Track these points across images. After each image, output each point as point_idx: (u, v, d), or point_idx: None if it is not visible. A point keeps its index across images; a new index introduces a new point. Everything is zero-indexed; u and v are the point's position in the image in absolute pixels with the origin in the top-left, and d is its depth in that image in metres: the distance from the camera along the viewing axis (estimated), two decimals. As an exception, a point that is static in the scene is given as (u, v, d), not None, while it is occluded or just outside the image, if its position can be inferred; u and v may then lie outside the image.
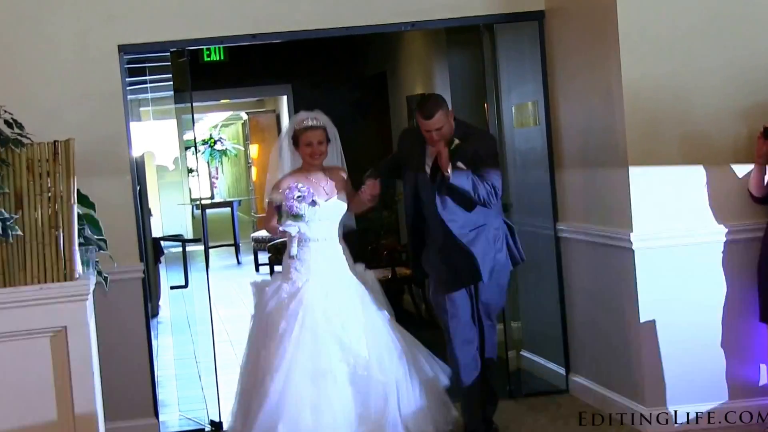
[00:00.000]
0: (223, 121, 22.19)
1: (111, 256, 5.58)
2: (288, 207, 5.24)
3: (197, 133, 19.97)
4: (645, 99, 5.45)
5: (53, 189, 4.75)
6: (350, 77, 11.61)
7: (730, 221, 5.50)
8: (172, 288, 9.65)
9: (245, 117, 19.45)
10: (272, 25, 6.20)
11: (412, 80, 9.74)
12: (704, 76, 5.48)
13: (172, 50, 6.27)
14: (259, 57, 11.25)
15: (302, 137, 5.37)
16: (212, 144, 20.31)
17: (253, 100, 17.83)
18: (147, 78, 7.66)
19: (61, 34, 5.95)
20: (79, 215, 5.05)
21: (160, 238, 10.78)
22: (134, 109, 8.40)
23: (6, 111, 4.96)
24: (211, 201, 20.46)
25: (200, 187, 19.18)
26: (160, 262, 10.79)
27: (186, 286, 9.08)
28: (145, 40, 6.07)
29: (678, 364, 5.51)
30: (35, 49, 5.91)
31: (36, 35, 5.92)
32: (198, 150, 19.26)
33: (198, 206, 14.20)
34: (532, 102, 6.64)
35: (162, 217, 11.74)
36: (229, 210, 17.06)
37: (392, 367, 5.19)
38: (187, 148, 10.91)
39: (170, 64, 6.51)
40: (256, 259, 14.39)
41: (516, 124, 6.96)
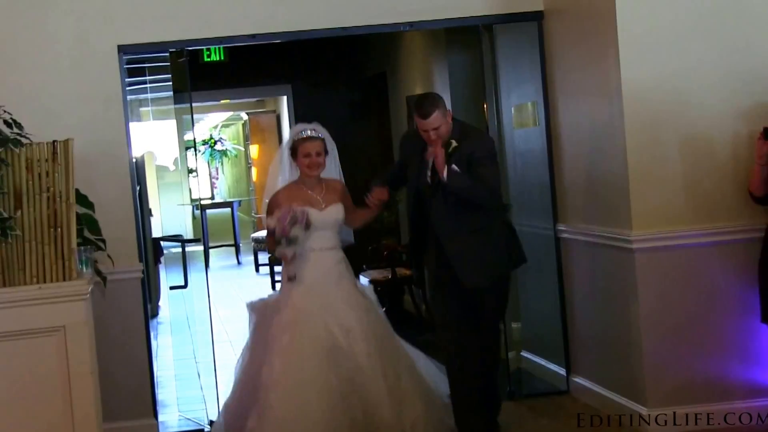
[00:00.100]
0: (223, 121, 22.17)
1: (109, 256, 5.59)
2: (281, 232, 5.17)
3: (198, 133, 19.97)
4: (644, 99, 5.44)
5: (52, 189, 4.76)
6: (350, 77, 11.61)
7: (730, 221, 5.49)
8: (171, 288, 9.65)
9: (245, 117, 19.44)
10: (271, 26, 6.20)
11: (412, 81, 9.73)
12: (704, 77, 5.47)
13: (171, 50, 6.26)
14: (259, 57, 11.25)
15: (300, 148, 5.34)
16: (212, 144, 20.31)
17: (254, 100, 17.82)
18: (147, 78, 7.67)
19: (61, 34, 5.94)
20: (78, 215, 5.06)
21: (159, 239, 10.78)
22: (134, 110, 8.40)
23: (5, 111, 4.96)
24: (211, 201, 20.46)
25: (199, 188, 19.17)
26: (160, 263, 10.79)
27: (185, 286, 9.08)
28: (145, 40, 6.06)
29: (678, 364, 5.50)
30: (34, 49, 5.91)
31: (35, 35, 5.91)
32: (198, 150, 19.26)
33: (198, 206, 14.20)
34: (531, 102, 6.63)
35: (162, 218, 11.73)
36: (229, 210, 17.06)
37: (391, 372, 5.19)
38: (188, 149, 10.91)
39: (170, 64, 6.51)
40: (256, 260, 14.39)
41: (515, 124, 6.96)
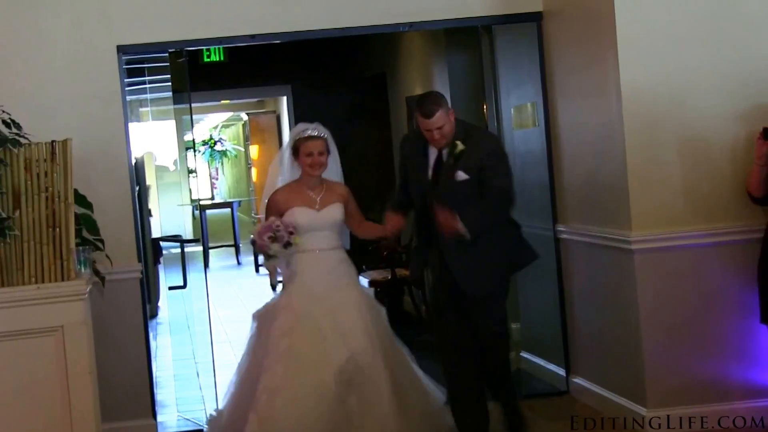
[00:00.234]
0: (223, 121, 22.21)
1: (108, 256, 5.59)
2: (260, 246, 5.14)
3: (198, 133, 19.99)
4: (643, 100, 5.44)
5: (51, 189, 4.76)
6: (350, 78, 11.61)
7: (729, 222, 5.49)
8: (170, 288, 9.66)
9: (245, 118, 19.45)
10: (271, 26, 6.19)
11: (412, 81, 9.73)
12: (703, 78, 5.47)
13: (170, 51, 6.26)
14: (258, 58, 11.24)
15: (302, 147, 5.29)
16: (212, 145, 20.33)
17: (254, 100, 17.83)
18: (146, 78, 7.67)
19: (60, 34, 5.94)
20: (77, 215, 5.06)
21: (159, 239, 10.78)
22: (134, 110, 8.41)
23: (4, 111, 4.96)
24: (211, 202, 20.47)
25: (198, 188, 19.18)
26: (159, 263, 10.79)
27: (184, 286, 9.09)
28: (144, 40, 6.06)
29: (677, 365, 5.50)
30: (33, 49, 5.90)
31: (34, 35, 5.91)
32: (198, 151, 19.27)
33: (197, 207, 14.20)
34: (531, 103, 6.63)
35: (161, 218, 11.73)
36: (229, 211, 17.07)
37: (391, 373, 5.15)
38: (187, 149, 10.92)
39: (169, 64, 6.51)
40: (256, 260, 14.37)
41: (515, 125, 6.95)
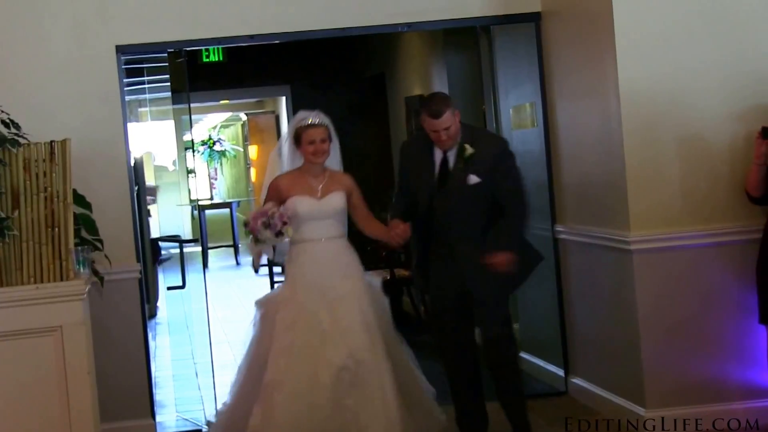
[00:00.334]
0: (222, 122, 22.20)
1: (106, 256, 5.59)
2: (252, 229, 5.09)
3: (197, 133, 19.97)
4: (642, 100, 5.44)
5: (50, 189, 4.76)
6: (349, 78, 11.61)
7: (728, 223, 5.49)
8: (169, 289, 9.65)
9: (244, 118, 19.45)
10: (270, 26, 6.19)
11: (411, 81, 9.73)
12: (701, 77, 5.47)
13: (169, 51, 6.26)
14: (258, 58, 11.25)
15: (304, 135, 5.23)
16: (211, 145, 20.33)
17: (253, 101, 17.83)
18: (145, 78, 7.67)
19: (58, 34, 5.94)
20: (75, 215, 5.06)
21: (158, 239, 10.77)
22: (133, 110, 8.41)
23: (3, 111, 4.97)
24: (210, 202, 20.47)
25: (197, 188, 19.17)
26: (158, 263, 10.78)
27: (183, 286, 9.09)
28: (143, 40, 6.06)
29: (676, 365, 5.50)
30: (32, 49, 5.90)
31: (33, 35, 5.91)
32: (197, 151, 19.26)
33: (196, 207, 14.19)
34: (529, 104, 6.63)
35: (160, 218, 11.73)
36: (228, 211, 17.06)
37: (392, 366, 5.12)
38: (187, 149, 10.92)
39: (168, 64, 6.51)
40: (256, 270, 14.32)
41: (514, 125, 6.95)
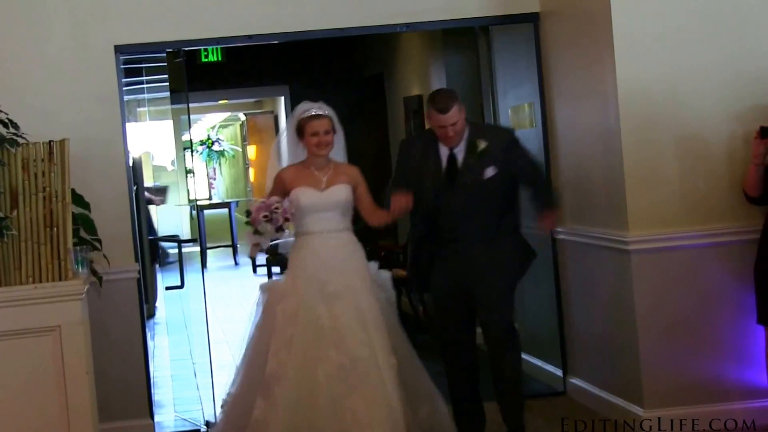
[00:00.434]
0: (221, 121, 22.21)
1: (105, 256, 5.59)
2: (253, 221, 4.98)
3: (195, 133, 19.97)
4: (640, 100, 5.45)
5: (48, 189, 4.77)
6: (348, 78, 11.61)
7: (726, 223, 5.49)
8: (167, 289, 9.63)
9: (243, 118, 19.46)
10: (269, 26, 6.20)
11: (409, 82, 9.74)
12: (699, 77, 5.48)
13: (168, 51, 6.27)
14: (256, 58, 11.25)
15: (308, 127, 5.13)
16: (210, 145, 20.33)
17: (251, 101, 17.85)
18: (144, 78, 7.66)
19: (57, 33, 5.94)
20: (74, 215, 5.06)
21: (156, 239, 10.76)
22: (132, 110, 8.40)
23: (1, 111, 4.97)
24: (209, 202, 20.47)
25: (196, 188, 19.16)
26: (157, 263, 10.76)
27: (182, 286, 9.07)
28: (141, 40, 6.06)
29: (674, 366, 5.50)
30: (31, 49, 5.91)
31: (32, 35, 5.91)
32: (195, 150, 19.25)
33: (195, 207, 14.19)
34: (528, 104, 6.63)
35: (158, 218, 11.71)
36: (226, 211, 17.06)
37: (393, 361, 5.06)
38: (185, 149, 10.92)
39: (167, 64, 6.51)
40: (253, 261, 14.37)
41: (512, 126, 6.95)
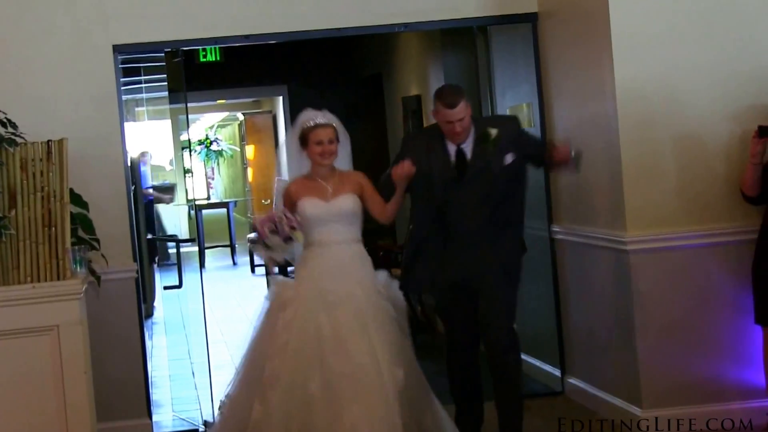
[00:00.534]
0: (219, 121, 22.20)
1: (103, 255, 5.59)
2: (260, 234, 4.91)
3: (194, 133, 19.98)
4: (638, 100, 5.45)
5: (46, 188, 4.77)
6: (346, 78, 11.62)
7: (724, 222, 5.50)
8: (165, 288, 9.64)
9: (241, 118, 19.44)
10: (267, 26, 6.20)
11: (408, 82, 9.74)
12: (697, 77, 5.48)
13: (166, 50, 6.27)
14: (255, 58, 11.26)
15: (311, 135, 4.99)
16: (208, 144, 20.32)
17: (250, 100, 17.83)
18: (142, 78, 7.67)
19: (56, 33, 5.93)
20: (72, 215, 5.06)
21: (154, 239, 10.76)
22: (130, 109, 8.41)
23: (0, 110, 4.97)
24: (207, 201, 20.47)
25: (194, 188, 19.17)
26: (156, 263, 10.77)
27: (180, 286, 9.08)
28: (140, 40, 6.06)
29: (672, 365, 5.50)
30: (29, 49, 5.90)
31: (30, 35, 5.90)
32: (194, 150, 19.25)
33: (193, 207, 14.19)
34: (526, 104, 6.64)
35: (163, 217, 11.73)
36: (225, 211, 17.05)
37: (394, 372, 5.01)
38: (184, 149, 10.94)
39: (165, 64, 6.51)
40: (251, 260, 14.38)
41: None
